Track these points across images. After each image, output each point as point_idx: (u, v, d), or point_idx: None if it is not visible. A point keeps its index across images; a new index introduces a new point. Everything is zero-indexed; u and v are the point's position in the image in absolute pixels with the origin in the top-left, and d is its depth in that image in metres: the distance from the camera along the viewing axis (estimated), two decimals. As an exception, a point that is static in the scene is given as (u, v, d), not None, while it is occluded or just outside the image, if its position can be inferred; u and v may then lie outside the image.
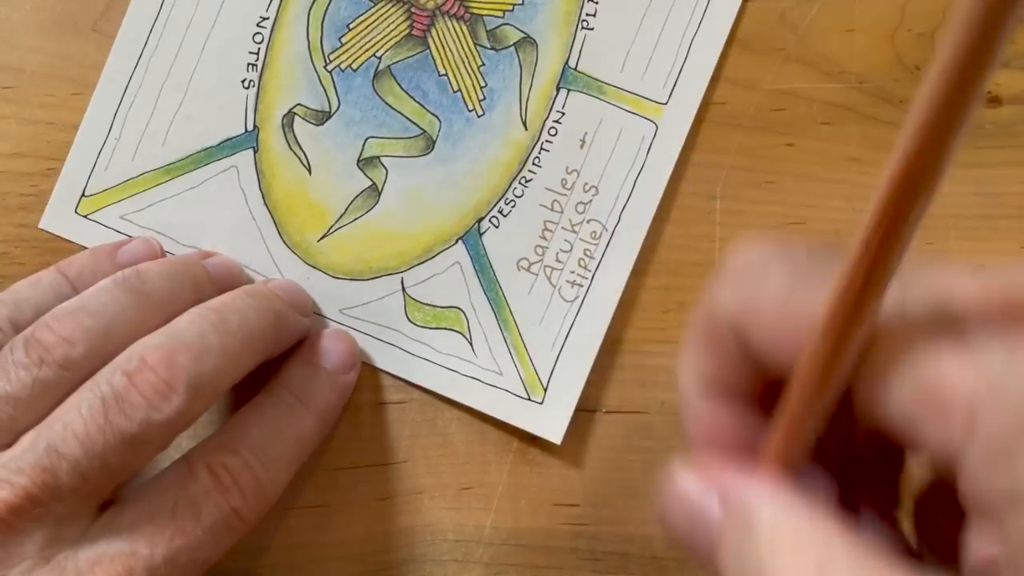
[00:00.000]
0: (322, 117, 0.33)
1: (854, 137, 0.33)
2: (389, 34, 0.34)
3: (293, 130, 0.33)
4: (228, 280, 0.32)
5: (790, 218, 0.33)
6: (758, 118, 0.33)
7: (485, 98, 0.33)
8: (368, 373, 0.33)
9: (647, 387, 0.33)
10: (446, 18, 0.33)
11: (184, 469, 0.28)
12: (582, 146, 0.33)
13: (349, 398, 0.33)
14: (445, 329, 0.33)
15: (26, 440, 0.27)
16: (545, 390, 0.33)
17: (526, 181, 0.33)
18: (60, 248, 0.33)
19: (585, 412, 0.33)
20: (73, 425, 0.26)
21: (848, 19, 0.33)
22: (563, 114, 0.33)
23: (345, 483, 0.33)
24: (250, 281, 0.33)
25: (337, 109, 0.33)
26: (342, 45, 0.34)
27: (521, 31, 0.33)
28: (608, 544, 0.33)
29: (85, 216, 0.33)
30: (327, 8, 0.34)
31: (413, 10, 0.33)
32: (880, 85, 0.33)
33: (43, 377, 0.27)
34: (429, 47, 0.33)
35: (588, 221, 0.33)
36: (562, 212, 0.33)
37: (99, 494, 0.27)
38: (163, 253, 0.33)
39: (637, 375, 0.33)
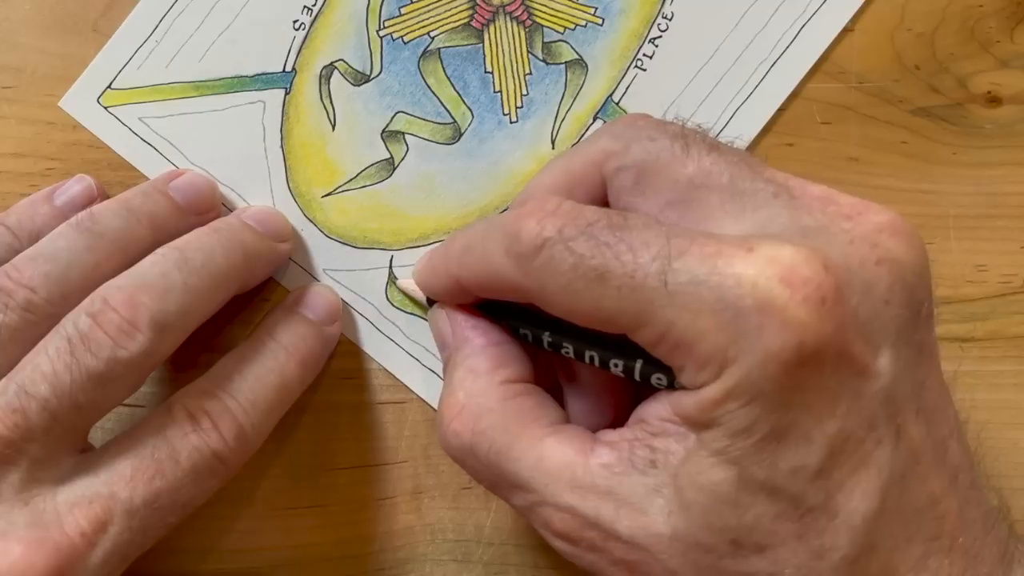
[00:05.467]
0: (360, 79, 0.33)
1: (854, 137, 0.33)
2: (449, 17, 0.33)
3: (329, 83, 0.33)
4: (197, 201, 0.32)
5: (790, 218, 0.33)
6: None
7: (523, 106, 0.33)
8: (368, 374, 0.33)
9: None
10: (508, 18, 0.33)
11: (164, 413, 0.29)
12: (602, 179, 0.33)
13: (349, 397, 0.33)
14: (419, 317, 0.33)
15: None
16: (498, 404, 0.33)
17: (538, 197, 0.33)
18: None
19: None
20: (41, 366, 0.27)
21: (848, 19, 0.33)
22: (592, 133, 0.33)
23: (345, 483, 0.33)
24: (223, 198, 0.33)
25: (377, 75, 0.33)
26: (400, 15, 0.33)
27: (576, 52, 0.33)
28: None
29: (106, 108, 0.33)
30: (396, -25, 0.34)
31: (479, 1, 0.33)
32: (880, 85, 0.33)
33: (8, 322, 0.28)
34: (483, 41, 0.33)
35: (587, 253, 0.33)
36: (564, 237, 0.33)
37: (72, 435, 0.28)
38: (101, 190, 0.33)
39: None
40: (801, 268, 0.21)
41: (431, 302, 0.30)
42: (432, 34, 0.33)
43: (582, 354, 0.26)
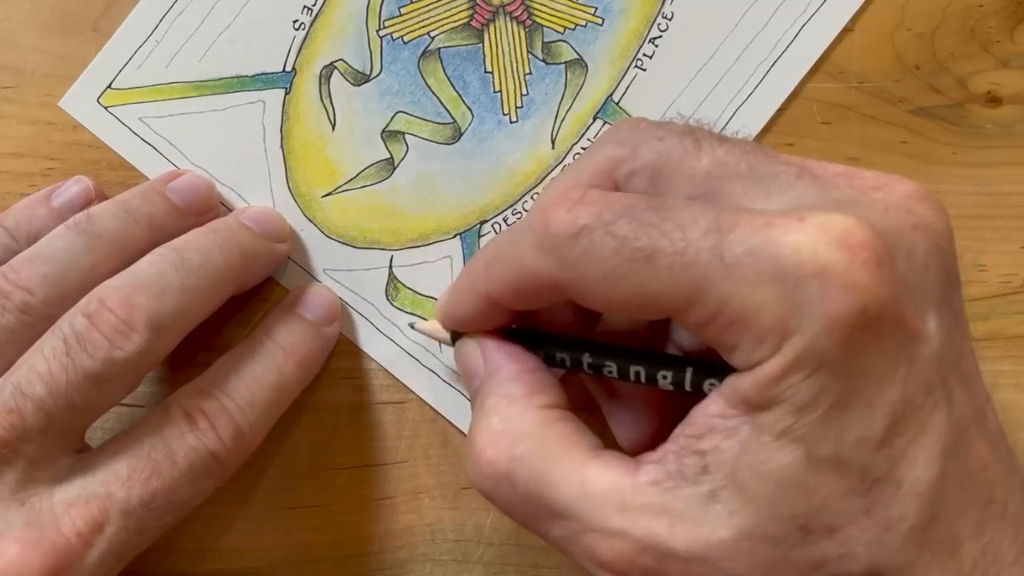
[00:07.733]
0: (360, 79, 0.33)
1: (854, 137, 0.33)
2: (449, 17, 0.34)
3: (329, 83, 0.33)
4: (196, 202, 0.32)
5: (790, 217, 0.33)
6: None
7: (523, 106, 0.33)
8: (368, 373, 0.33)
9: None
10: (508, 18, 0.33)
11: (161, 413, 0.29)
12: (602, 179, 0.33)
13: (348, 397, 0.33)
14: (419, 317, 0.33)
15: None
16: (498, 404, 0.32)
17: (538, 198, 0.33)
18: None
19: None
20: (37, 366, 0.27)
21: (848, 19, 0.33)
22: (592, 144, 0.33)
23: (345, 483, 0.33)
24: (221, 199, 0.33)
25: (377, 75, 0.33)
26: (400, 15, 0.34)
27: (576, 52, 0.33)
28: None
29: (106, 108, 0.33)
30: (396, -25, 0.34)
31: (479, 1, 0.33)
32: (880, 85, 0.33)
33: (5, 323, 0.28)
34: (483, 41, 0.33)
35: (587, 253, 0.33)
36: (564, 237, 0.33)
37: (68, 435, 0.28)
38: (99, 192, 0.33)
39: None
40: (855, 233, 0.21)
41: (455, 339, 0.29)
42: (432, 34, 0.33)
43: (626, 372, 0.25)
